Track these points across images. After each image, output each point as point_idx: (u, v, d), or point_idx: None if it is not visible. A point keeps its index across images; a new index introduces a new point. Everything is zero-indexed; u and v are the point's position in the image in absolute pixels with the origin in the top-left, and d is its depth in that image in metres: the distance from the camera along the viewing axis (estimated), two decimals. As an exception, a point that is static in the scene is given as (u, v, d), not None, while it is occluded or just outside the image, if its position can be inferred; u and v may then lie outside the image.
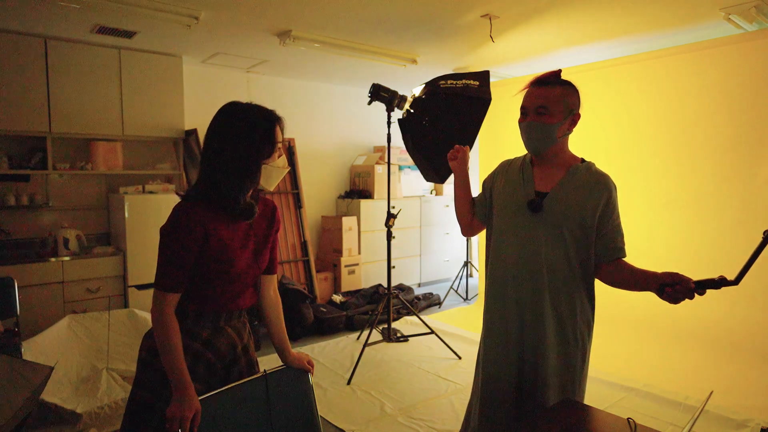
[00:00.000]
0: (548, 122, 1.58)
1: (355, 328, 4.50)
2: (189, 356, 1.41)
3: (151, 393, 1.42)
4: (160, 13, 3.23)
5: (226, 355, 1.50)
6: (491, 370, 1.75)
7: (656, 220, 3.91)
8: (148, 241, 4.08)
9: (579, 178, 1.63)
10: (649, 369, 3.44)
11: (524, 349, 1.68)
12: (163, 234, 1.39)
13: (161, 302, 1.37)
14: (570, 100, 1.60)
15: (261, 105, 1.47)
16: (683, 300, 1.39)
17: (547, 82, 1.61)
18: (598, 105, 4.19)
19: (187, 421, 1.30)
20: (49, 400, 2.60)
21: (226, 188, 1.40)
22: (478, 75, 3.47)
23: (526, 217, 1.65)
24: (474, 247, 6.44)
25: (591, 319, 1.69)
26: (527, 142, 1.66)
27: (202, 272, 1.41)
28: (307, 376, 1.65)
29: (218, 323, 1.48)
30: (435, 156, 3.54)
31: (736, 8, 3.27)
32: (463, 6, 3.28)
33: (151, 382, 1.42)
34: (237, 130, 1.40)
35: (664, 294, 1.42)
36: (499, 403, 1.72)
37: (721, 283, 1.31)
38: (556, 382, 1.65)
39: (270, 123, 1.44)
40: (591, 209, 1.59)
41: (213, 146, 1.42)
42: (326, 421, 2.86)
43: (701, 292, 1.36)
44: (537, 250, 1.64)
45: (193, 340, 1.43)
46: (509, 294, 1.69)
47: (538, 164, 1.71)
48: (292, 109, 5.58)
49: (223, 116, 1.43)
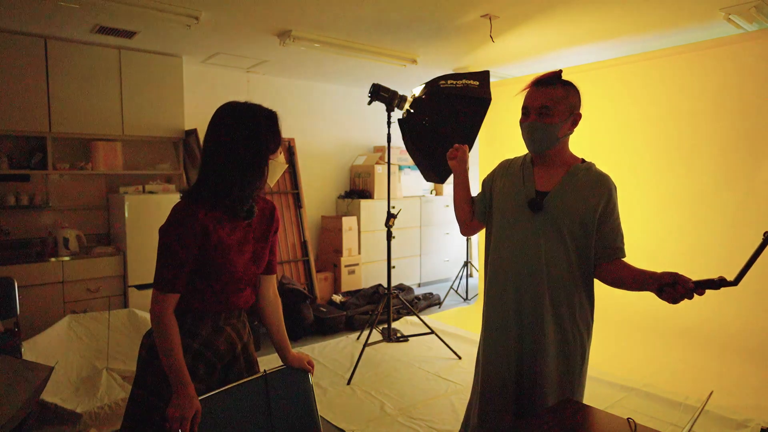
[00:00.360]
0: (550, 122, 1.59)
1: (355, 328, 4.50)
2: (189, 356, 1.41)
3: (152, 393, 1.42)
4: (160, 13, 3.23)
5: (226, 355, 1.50)
6: (490, 369, 1.75)
7: (656, 220, 3.91)
8: (148, 241, 4.07)
9: (579, 178, 1.63)
10: (649, 369, 3.44)
11: (523, 348, 1.68)
12: (162, 234, 1.38)
13: (160, 302, 1.37)
14: (572, 101, 1.61)
15: (257, 104, 1.48)
16: (682, 300, 1.39)
17: (549, 83, 1.61)
18: (598, 105, 4.19)
19: (187, 421, 1.30)
20: (49, 400, 2.60)
21: (238, 188, 1.41)
22: (478, 75, 3.47)
23: (527, 217, 1.66)
24: (474, 247, 6.44)
25: (590, 318, 1.70)
26: (529, 142, 1.66)
27: (202, 272, 1.41)
28: (307, 376, 1.65)
29: (218, 323, 1.48)
30: (435, 156, 3.54)
31: (736, 8, 3.27)
32: (463, 6, 3.28)
33: (152, 382, 1.42)
34: (245, 130, 1.40)
35: (663, 294, 1.42)
36: (498, 402, 1.72)
37: (721, 284, 1.32)
38: (554, 381, 1.65)
39: (272, 119, 1.46)
40: (591, 209, 1.60)
41: (220, 148, 1.41)
42: (326, 421, 2.86)
43: (701, 293, 1.36)
44: (537, 249, 1.64)
45: (192, 340, 1.43)
46: (508, 293, 1.70)
47: (538, 164, 1.71)
48: (292, 109, 5.58)
49: (228, 117, 1.43)
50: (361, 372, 3.51)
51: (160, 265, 1.37)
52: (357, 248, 5.54)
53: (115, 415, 2.72)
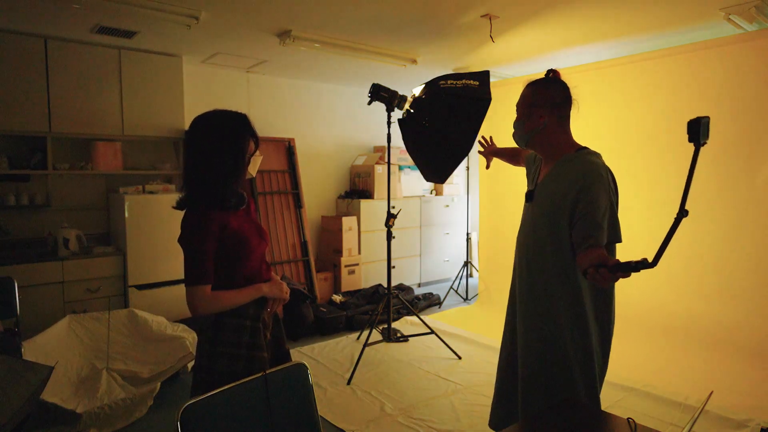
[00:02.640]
0: (518, 120, 1.81)
1: (355, 328, 4.50)
2: (246, 334, 1.60)
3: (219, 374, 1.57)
4: (160, 13, 3.23)
5: (269, 322, 1.71)
6: (500, 355, 1.94)
7: (656, 219, 3.91)
8: (148, 241, 4.08)
9: (563, 168, 1.72)
10: (649, 369, 3.44)
11: (514, 333, 1.85)
12: (184, 243, 1.54)
13: (201, 293, 1.52)
14: (534, 98, 1.76)
15: (225, 110, 1.63)
16: (608, 283, 1.39)
17: (530, 84, 1.80)
18: (598, 105, 4.19)
19: (286, 293, 1.68)
20: (49, 400, 2.60)
21: (222, 186, 1.57)
22: (478, 75, 3.47)
23: (526, 208, 1.83)
24: (474, 247, 6.44)
25: (582, 312, 1.66)
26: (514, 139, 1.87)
27: (228, 260, 1.58)
28: (307, 376, 1.65)
29: (258, 299, 1.66)
30: (435, 156, 3.54)
31: (736, 8, 3.27)
32: (463, 6, 3.28)
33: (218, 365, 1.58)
34: (217, 137, 1.57)
35: (587, 275, 1.41)
36: (504, 392, 1.88)
37: (640, 265, 1.28)
38: (538, 374, 1.72)
39: (239, 121, 1.61)
40: (566, 198, 1.64)
41: (198, 157, 1.58)
42: (326, 421, 2.86)
43: (624, 275, 1.34)
44: (528, 239, 1.78)
45: (244, 319, 1.61)
46: (514, 280, 1.87)
47: (542, 158, 1.86)
48: (292, 109, 5.58)
49: (200, 128, 1.59)
50: (361, 372, 3.51)
51: (191, 266, 1.53)
52: (357, 248, 5.54)
53: (115, 415, 2.73)
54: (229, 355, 1.57)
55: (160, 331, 3.45)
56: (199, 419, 1.34)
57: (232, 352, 1.57)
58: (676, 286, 3.76)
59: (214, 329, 1.59)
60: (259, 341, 1.62)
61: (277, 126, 5.47)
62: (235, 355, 1.57)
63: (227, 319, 1.59)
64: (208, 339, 1.60)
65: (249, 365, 1.58)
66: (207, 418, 1.36)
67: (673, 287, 3.78)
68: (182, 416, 1.31)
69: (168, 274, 4.17)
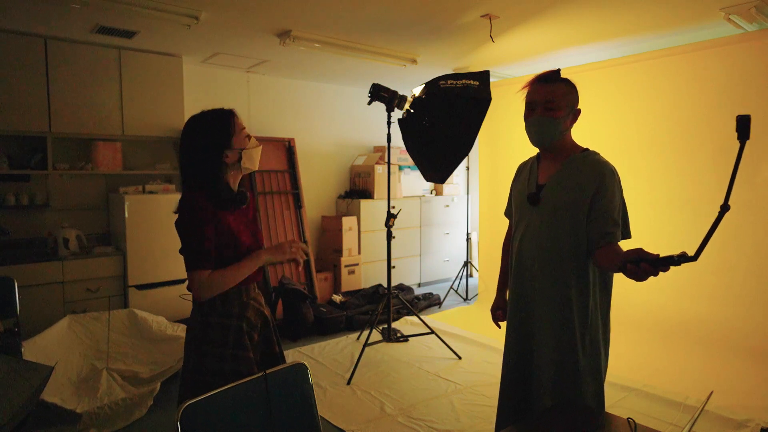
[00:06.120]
0: (555, 116, 1.66)
1: (355, 328, 4.50)
2: (231, 334, 1.59)
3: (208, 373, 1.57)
4: (160, 13, 3.23)
5: (257, 323, 1.69)
6: (507, 359, 1.88)
7: (657, 219, 3.91)
8: (148, 241, 4.08)
9: (575, 167, 1.69)
10: (649, 369, 3.44)
11: (525, 338, 1.78)
12: (180, 225, 1.55)
13: (201, 278, 1.52)
14: (573, 97, 1.70)
15: (211, 109, 1.65)
16: (647, 277, 1.37)
17: (552, 79, 1.70)
18: (598, 105, 4.19)
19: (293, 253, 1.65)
20: (49, 400, 2.60)
21: (212, 183, 1.60)
22: (478, 75, 3.47)
23: (530, 211, 1.76)
24: (474, 247, 6.44)
25: (592, 308, 1.67)
26: (536, 136, 1.73)
27: (219, 259, 1.58)
28: (307, 376, 1.65)
29: (242, 299, 1.65)
30: (435, 156, 3.54)
31: (736, 8, 3.27)
32: (463, 6, 3.28)
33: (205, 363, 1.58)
34: (199, 135, 1.61)
35: (627, 271, 1.39)
36: (509, 394, 1.82)
37: (682, 259, 1.28)
38: (550, 367, 1.69)
39: (219, 118, 1.63)
40: (583, 195, 1.63)
41: (186, 155, 1.62)
42: (326, 421, 2.86)
43: (665, 269, 1.34)
44: (535, 239, 1.73)
45: (228, 319, 1.61)
46: (515, 285, 1.81)
47: (543, 159, 1.81)
48: (292, 109, 5.58)
49: (187, 130, 1.63)
50: (361, 372, 3.51)
51: (189, 250, 1.53)
52: (357, 248, 5.54)
53: (115, 415, 2.73)
54: (216, 355, 1.58)
55: (160, 331, 3.45)
56: (199, 419, 1.34)
57: (219, 351, 1.58)
58: (676, 287, 3.76)
59: (201, 329, 1.60)
60: (243, 341, 1.62)
61: (277, 126, 5.47)
62: (222, 355, 1.58)
63: (213, 319, 1.60)
64: (195, 338, 1.61)
65: (235, 365, 1.58)
66: (207, 418, 1.35)
67: (673, 287, 3.78)
68: (182, 416, 1.31)
69: (168, 274, 4.17)
